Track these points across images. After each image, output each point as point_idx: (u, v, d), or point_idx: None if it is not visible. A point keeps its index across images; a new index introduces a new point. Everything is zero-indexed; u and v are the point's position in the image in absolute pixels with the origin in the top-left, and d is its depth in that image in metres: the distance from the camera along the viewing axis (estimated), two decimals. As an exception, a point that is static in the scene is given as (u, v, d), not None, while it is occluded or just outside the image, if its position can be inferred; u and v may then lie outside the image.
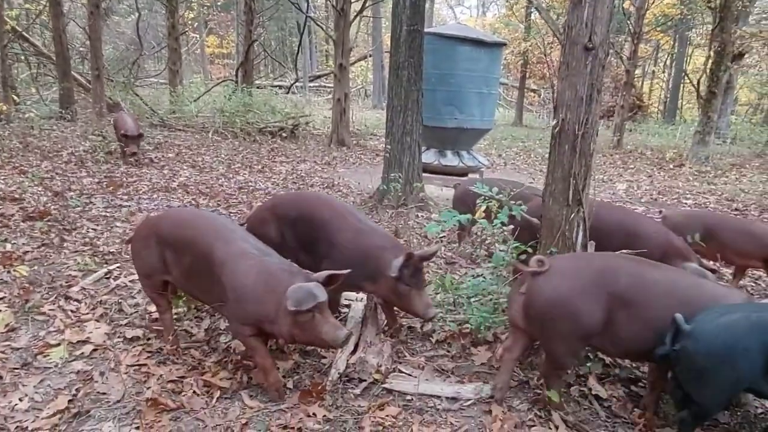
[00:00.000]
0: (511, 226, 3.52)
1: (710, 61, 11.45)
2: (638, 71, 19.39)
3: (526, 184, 4.48)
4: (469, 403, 2.58)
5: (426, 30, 6.67)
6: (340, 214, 3.10)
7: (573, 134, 2.80)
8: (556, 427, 2.40)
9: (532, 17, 18.71)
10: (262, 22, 17.51)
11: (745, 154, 13.07)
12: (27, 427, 2.26)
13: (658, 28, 19.40)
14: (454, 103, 7.46)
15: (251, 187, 6.98)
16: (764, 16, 17.18)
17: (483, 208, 3.38)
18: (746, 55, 13.84)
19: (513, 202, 3.32)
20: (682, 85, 22.25)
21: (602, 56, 2.77)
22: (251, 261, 2.47)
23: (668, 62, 24.84)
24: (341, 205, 3.37)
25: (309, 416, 2.40)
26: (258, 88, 14.91)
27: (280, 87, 18.62)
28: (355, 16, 12.36)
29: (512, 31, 20.81)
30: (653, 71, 25.83)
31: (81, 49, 15.34)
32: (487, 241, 4.96)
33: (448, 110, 7.48)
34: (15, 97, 11.20)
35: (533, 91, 24.13)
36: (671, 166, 10.93)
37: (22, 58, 14.36)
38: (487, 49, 7.48)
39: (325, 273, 2.44)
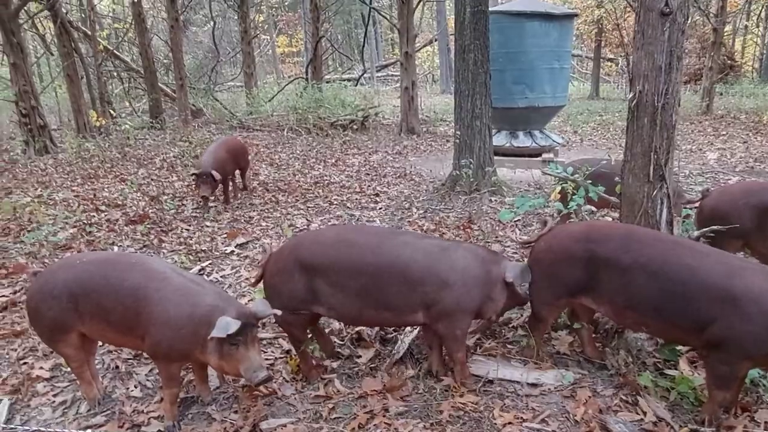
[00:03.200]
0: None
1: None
2: (728, 28, 17.63)
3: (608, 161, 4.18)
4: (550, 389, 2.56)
5: (491, 9, 6.52)
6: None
7: (652, 106, 2.66)
8: (644, 413, 2.33)
9: (606, -18, 17.60)
10: (327, 18, 17.79)
11: None
12: (143, 410, 2.53)
13: (752, -22, 17.57)
14: (524, 81, 7.25)
15: (326, 181, 7.20)
16: None
17: (558, 189, 3.29)
18: None
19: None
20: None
21: (681, 20, 2.59)
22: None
23: (763, 14, 22.44)
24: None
25: (391, 401, 2.49)
26: (327, 83, 15.22)
27: (349, 80, 18.89)
28: (419, 3, 12.26)
29: (584, 0, 19.70)
30: (746, 26, 23.44)
31: (165, 61, 16.38)
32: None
33: (518, 89, 7.28)
34: (111, 111, 12.22)
35: (610, 60, 22.75)
36: (772, 130, 9.95)
37: (115, 74, 15.59)
38: (557, 21, 7.18)
39: None
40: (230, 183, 6.21)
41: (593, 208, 3.59)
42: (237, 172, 6.42)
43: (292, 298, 2.49)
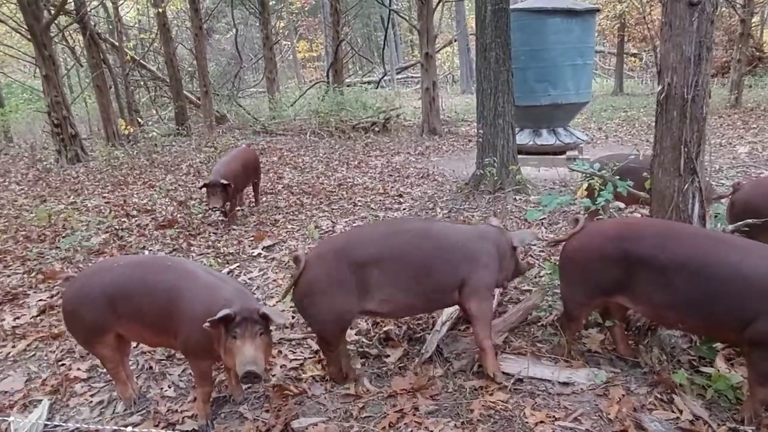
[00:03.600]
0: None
1: None
2: (755, 19, 17.12)
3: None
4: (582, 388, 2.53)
5: (512, 7, 6.47)
6: None
7: (681, 99, 2.61)
8: (680, 411, 2.28)
9: (629, -25, 17.30)
10: (347, 21, 17.91)
11: None
12: (176, 409, 2.58)
13: (781, -34, 17.04)
14: (546, 79, 7.18)
15: (350, 183, 7.24)
16: None
17: (585, 186, 3.25)
18: None
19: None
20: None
21: (710, 10, 2.54)
22: None
23: (795, 3, 21.74)
24: None
25: (421, 400, 2.49)
26: (348, 86, 15.32)
27: (370, 82, 18.96)
28: (438, 3, 12.25)
29: (606, -5, 19.40)
30: (776, 16, 22.75)
31: (189, 69, 16.72)
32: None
33: (541, 87, 7.21)
34: (139, 120, 12.52)
35: (633, 55, 22.33)
36: (806, 122, 9.64)
37: (141, 83, 15.97)
38: (579, 17, 7.10)
39: None
40: (240, 199, 5.98)
41: (621, 205, 3.54)
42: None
43: (344, 301, 2.48)
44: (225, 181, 5.13)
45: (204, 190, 5.33)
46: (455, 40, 23.38)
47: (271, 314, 2.16)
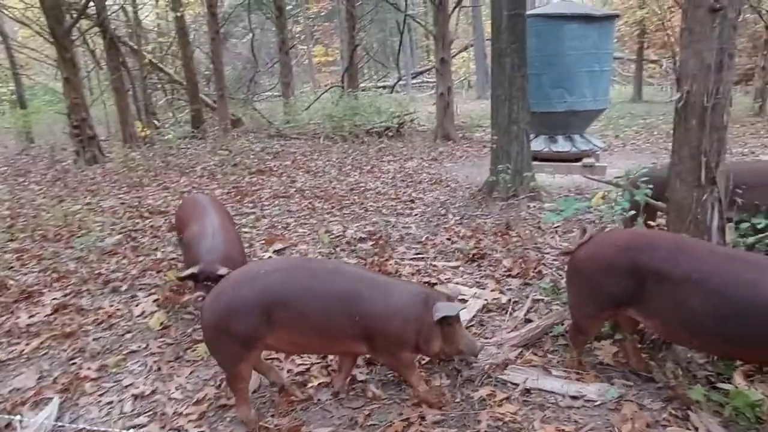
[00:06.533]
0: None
1: None
2: (782, 25, 16.86)
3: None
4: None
5: (528, 12, 6.43)
6: None
7: (701, 107, 2.54)
8: (696, 429, 2.21)
9: (648, -18, 17.13)
10: (363, 26, 17.97)
11: None
12: (182, 412, 2.57)
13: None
14: (563, 85, 7.12)
15: (362, 188, 7.22)
16: None
17: (600, 195, 3.20)
18: None
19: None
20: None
21: (733, 16, 2.48)
22: None
23: (821, 10, 21.33)
24: None
25: (428, 409, 2.45)
26: (363, 90, 15.34)
27: (384, 87, 18.98)
28: (454, 8, 12.23)
29: (626, 0, 19.22)
30: (803, 23, 22.33)
31: (206, 72, 16.89)
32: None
33: (557, 93, 7.15)
34: (156, 122, 12.67)
35: (653, 62, 22.08)
36: (834, 131, 9.42)
37: (159, 86, 16.16)
38: (597, 23, 7.03)
39: None
40: None
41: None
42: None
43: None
44: (224, 270, 2.87)
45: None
46: (471, 45, 23.33)
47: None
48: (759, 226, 3.14)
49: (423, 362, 2.81)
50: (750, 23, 15.50)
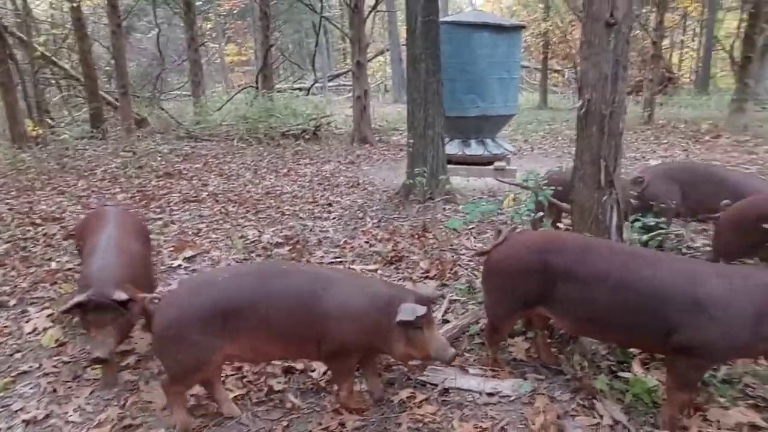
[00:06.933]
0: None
1: (744, 24, 10.97)
2: (665, 42, 18.64)
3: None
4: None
5: (442, 19, 6.59)
6: None
7: (600, 115, 2.71)
8: (601, 416, 2.34)
9: (551, -4, 18.29)
10: (278, 26, 17.62)
11: (788, 118, 12.44)
12: (80, 438, 2.34)
13: (686, -5, 18.69)
14: (475, 91, 7.37)
15: (278, 192, 7.05)
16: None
17: (511, 197, 3.32)
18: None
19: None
20: (713, 52, 21.32)
21: (626, 31, 2.67)
22: None
23: (698, 30, 23.85)
24: None
25: (347, 416, 2.41)
26: (278, 92, 15.03)
27: (300, 89, 18.73)
28: (370, 12, 12.31)
29: (531, 13, 20.37)
30: (682, 41, 24.85)
31: (107, 68, 15.76)
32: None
33: (470, 99, 7.39)
34: (49, 120, 11.60)
35: (556, 71, 23.59)
36: (707, 138, 10.50)
37: (53, 82, 14.83)
38: (506, 33, 7.35)
39: None
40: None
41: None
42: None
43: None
44: (123, 296, 2.47)
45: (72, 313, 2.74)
46: (388, 50, 23.63)
47: None
48: (650, 225, 3.42)
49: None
50: (639, 39, 17.01)
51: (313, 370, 2.80)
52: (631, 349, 2.68)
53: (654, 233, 3.39)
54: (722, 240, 3.42)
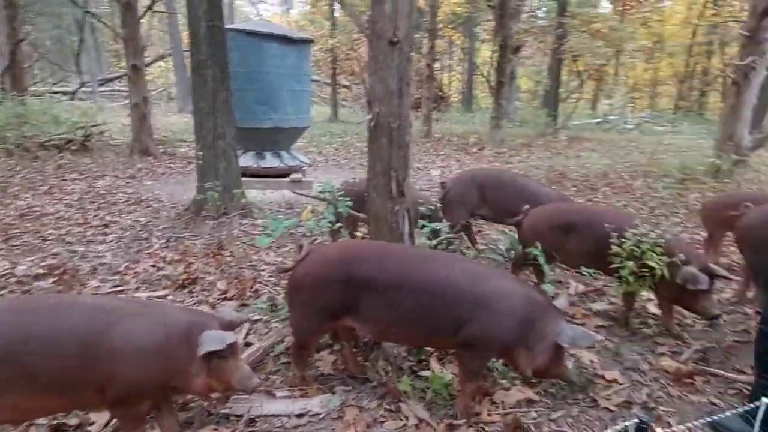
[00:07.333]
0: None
1: (496, 54, 12.93)
2: (437, 65, 21.09)
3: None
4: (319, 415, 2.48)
5: (228, 27, 6.32)
6: None
7: (389, 127, 2.84)
8: (406, 418, 2.42)
9: (336, 14, 19.14)
10: (29, 18, 14.97)
11: (531, 134, 15.05)
12: None
13: (450, 25, 21.37)
14: (267, 102, 7.24)
15: (37, 213, 5.92)
16: (532, 14, 19.92)
17: (309, 209, 3.29)
18: (522, 49, 15.88)
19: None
20: (474, 76, 24.87)
21: (407, 50, 2.84)
22: None
23: (462, 56, 27.52)
24: None
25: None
26: (34, 95, 12.78)
27: (63, 93, 16.23)
28: (145, 12, 11.24)
29: (318, 28, 21.03)
30: (450, 64, 28.41)
31: None
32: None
33: (262, 110, 7.24)
34: None
35: (345, 86, 24.77)
36: (474, 150, 12.11)
37: None
38: (295, 45, 7.39)
39: None
40: None
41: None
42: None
43: None
44: None
45: None
46: (169, 55, 21.93)
47: None
48: (436, 229, 3.72)
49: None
50: (415, 61, 18.88)
51: (91, 424, 2.34)
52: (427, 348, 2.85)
53: (441, 238, 3.69)
54: (524, 241, 3.82)
